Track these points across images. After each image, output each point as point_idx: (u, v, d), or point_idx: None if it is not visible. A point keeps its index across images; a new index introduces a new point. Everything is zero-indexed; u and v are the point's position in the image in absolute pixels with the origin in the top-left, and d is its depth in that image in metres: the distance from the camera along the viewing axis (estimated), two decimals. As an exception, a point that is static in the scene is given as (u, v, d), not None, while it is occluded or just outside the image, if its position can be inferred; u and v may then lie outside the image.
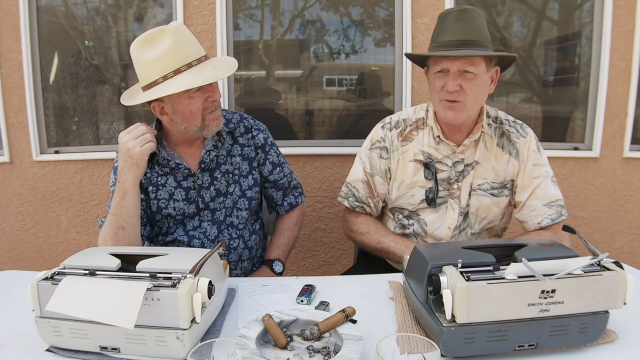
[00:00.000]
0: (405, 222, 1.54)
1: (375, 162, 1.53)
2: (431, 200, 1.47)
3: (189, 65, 1.27)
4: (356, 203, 1.58)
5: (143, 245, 1.48)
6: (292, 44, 2.49)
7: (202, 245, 1.46)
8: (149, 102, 1.33)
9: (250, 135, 1.53)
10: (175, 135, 1.42)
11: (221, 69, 1.32)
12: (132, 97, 1.34)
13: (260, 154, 1.55)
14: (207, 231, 1.47)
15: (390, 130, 1.53)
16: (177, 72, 1.26)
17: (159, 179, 1.44)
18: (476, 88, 1.34)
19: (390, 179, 1.53)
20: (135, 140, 1.28)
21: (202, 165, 1.44)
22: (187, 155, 1.45)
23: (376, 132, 1.56)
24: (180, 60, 1.27)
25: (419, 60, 1.52)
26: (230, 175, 1.49)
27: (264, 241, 1.70)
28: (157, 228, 1.49)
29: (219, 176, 1.47)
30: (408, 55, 1.59)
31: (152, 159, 1.43)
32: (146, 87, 1.29)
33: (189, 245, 1.46)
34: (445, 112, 1.38)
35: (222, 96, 1.60)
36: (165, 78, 1.26)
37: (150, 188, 1.43)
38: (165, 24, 1.33)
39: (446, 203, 1.48)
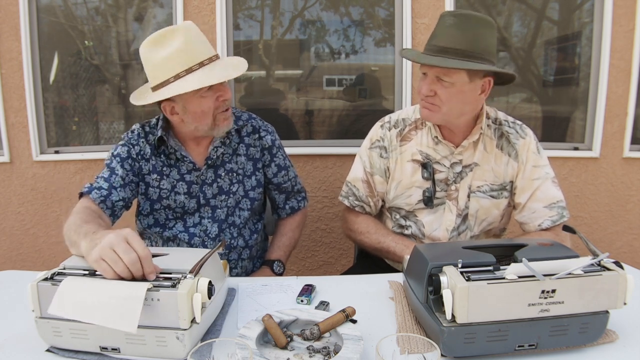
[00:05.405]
0: (403, 222, 1.54)
1: (375, 161, 1.53)
2: (428, 201, 1.47)
3: (201, 64, 1.27)
4: (356, 202, 1.58)
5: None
6: (292, 44, 2.49)
7: (203, 243, 1.46)
8: (159, 102, 1.33)
9: (257, 135, 1.53)
10: (184, 133, 1.42)
11: (232, 68, 1.32)
12: (142, 97, 1.34)
13: (266, 155, 1.54)
14: (208, 229, 1.47)
15: (390, 130, 1.52)
16: (189, 71, 1.26)
17: (164, 168, 1.44)
18: (451, 96, 1.33)
19: (389, 178, 1.53)
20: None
21: (209, 162, 1.44)
22: (193, 151, 1.46)
23: (375, 131, 1.56)
24: (192, 59, 1.26)
25: None
26: (234, 174, 1.49)
27: (265, 242, 1.70)
28: (154, 219, 1.47)
29: (222, 174, 1.47)
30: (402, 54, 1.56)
31: (159, 147, 1.43)
32: (156, 87, 1.29)
33: (189, 242, 1.46)
34: (422, 110, 1.41)
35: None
36: (177, 77, 1.26)
37: (154, 176, 1.43)
38: (165, 24, 1.33)
39: (444, 204, 1.48)
